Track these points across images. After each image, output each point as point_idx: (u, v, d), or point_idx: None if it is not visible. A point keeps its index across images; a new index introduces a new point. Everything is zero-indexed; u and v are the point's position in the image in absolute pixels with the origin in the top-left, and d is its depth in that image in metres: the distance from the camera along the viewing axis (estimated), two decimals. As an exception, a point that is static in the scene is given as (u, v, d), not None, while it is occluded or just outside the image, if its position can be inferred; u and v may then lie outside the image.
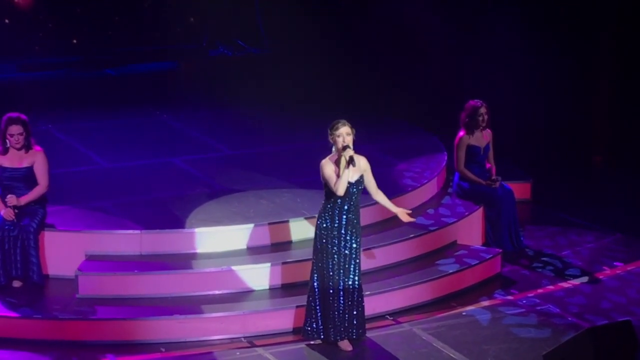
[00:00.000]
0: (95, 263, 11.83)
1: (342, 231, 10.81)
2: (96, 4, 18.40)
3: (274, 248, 12.23)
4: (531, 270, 12.99)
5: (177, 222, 12.31)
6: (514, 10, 16.29)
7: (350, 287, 10.88)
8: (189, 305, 11.52)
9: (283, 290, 11.85)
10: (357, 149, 14.65)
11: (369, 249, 12.12)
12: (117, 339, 11.19)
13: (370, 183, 11.05)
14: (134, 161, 14.25)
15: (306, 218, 12.42)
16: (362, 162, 10.93)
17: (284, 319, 11.49)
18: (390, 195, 12.33)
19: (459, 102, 14.28)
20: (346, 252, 10.83)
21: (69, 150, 14.58)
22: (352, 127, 10.85)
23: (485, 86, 15.81)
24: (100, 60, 18.52)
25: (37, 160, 11.94)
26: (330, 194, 10.81)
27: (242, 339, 11.31)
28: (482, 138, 13.55)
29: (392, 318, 11.72)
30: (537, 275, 12.84)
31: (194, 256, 12.02)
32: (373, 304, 11.65)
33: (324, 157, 14.40)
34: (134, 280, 11.68)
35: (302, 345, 11.20)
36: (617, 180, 15.69)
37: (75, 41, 18.49)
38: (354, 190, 10.81)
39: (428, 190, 13.62)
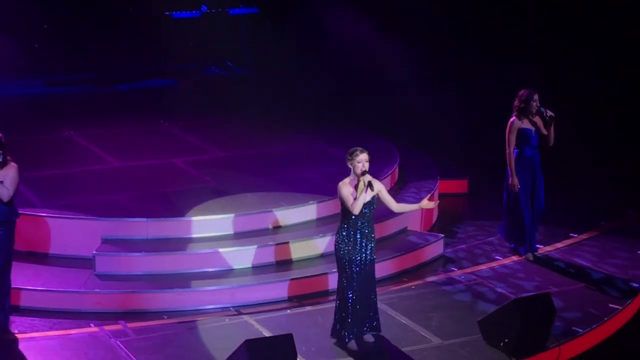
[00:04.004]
0: (110, 245, 11.81)
1: (357, 245, 10.17)
2: (111, 31, 18.37)
3: (259, 233, 12.21)
4: (468, 251, 13.01)
5: (177, 211, 12.31)
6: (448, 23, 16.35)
7: (367, 293, 10.34)
8: (187, 281, 11.53)
9: (266, 267, 11.86)
10: (325, 152, 14.74)
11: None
12: (128, 308, 11.22)
13: (390, 202, 10.38)
14: (141, 161, 14.20)
15: (284, 208, 12.44)
16: (376, 184, 10.17)
17: (267, 291, 11.51)
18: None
19: (411, 111, 14.19)
20: (362, 262, 10.22)
21: (87, 153, 14.52)
22: (368, 153, 10.14)
23: (429, 99, 15.91)
24: (114, 78, 18.48)
25: (7, 173, 10.28)
26: (346, 212, 10.15)
27: (231, 308, 11.31)
28: (534, 122, 12.35)
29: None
30: (473, 256, 12.85)
31: (191, 240, 12.01)
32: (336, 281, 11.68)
33: (300, 159, 14.48)
34: (141, 260, 11.68)
35: (282, 313, 11.20)
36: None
37: (93, 62, 18.46)
38: (367, 210, 10.13)
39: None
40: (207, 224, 12.13)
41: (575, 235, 13.29)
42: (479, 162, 15.71)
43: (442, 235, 12.98)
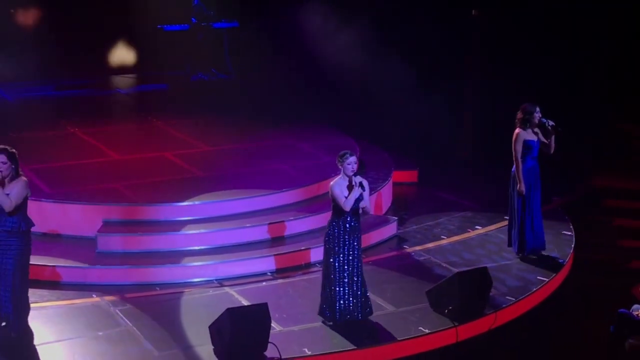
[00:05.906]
0: (110, 227, 11.77)
1: (346, 236, 9.92)
2: (112, 43, 18.32)
3: (241, 216, 12.16)
4: (418, 232, 13.00)
5: (168, 197, 12.25)
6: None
7: (355, 277, 10.09)
8: (177, 257, 11.49)
9: (245, 246, 11.81)
10: (295, 147, 14.73)
11: (302, 218, 12.17)
12: (125, 281, 11.18)
13: (368, 202, 9.97)
14: (137, 155, 14.15)
15: (261, 194, 12.41)
16: (365, 184, 9.93)
17: (245, 266, 11.48)
18: (319, 179, 12.38)
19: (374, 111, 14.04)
20: (350, 251, 9.99)
21: (90, 147, 14.46)
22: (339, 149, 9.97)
23: (393, 102, 15.87)
24: (114, 82, 18.43)
25: (15, 186, 9.18)
26: (337, 208, 9.87)
27: (214, 281, 11.30)
28: (535, 133, 11.63)
29: (319, 265, 11.67)
30: (422, 235, 12.86)
31: (180, 222, 11.97)
32: (304, 258, 11.68)
33: (274, 153, 14.41)
34: (137, 239, 11.63)
35: (258, 285, 11.18)
36: (479, 170, 15.73)
37: (96, 68, 18.40)
38: (355, 206, 9.89)
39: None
40: (194, 208, 12.09)
41: (508, 218, 13.32)
42: (429, 156, 15.81)
43: (396, 217, 12.98)
